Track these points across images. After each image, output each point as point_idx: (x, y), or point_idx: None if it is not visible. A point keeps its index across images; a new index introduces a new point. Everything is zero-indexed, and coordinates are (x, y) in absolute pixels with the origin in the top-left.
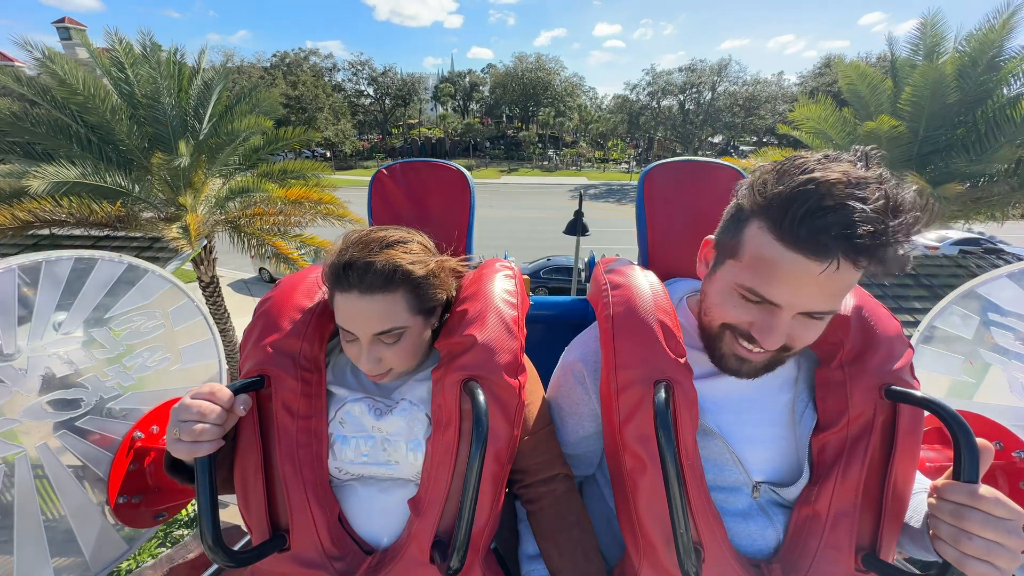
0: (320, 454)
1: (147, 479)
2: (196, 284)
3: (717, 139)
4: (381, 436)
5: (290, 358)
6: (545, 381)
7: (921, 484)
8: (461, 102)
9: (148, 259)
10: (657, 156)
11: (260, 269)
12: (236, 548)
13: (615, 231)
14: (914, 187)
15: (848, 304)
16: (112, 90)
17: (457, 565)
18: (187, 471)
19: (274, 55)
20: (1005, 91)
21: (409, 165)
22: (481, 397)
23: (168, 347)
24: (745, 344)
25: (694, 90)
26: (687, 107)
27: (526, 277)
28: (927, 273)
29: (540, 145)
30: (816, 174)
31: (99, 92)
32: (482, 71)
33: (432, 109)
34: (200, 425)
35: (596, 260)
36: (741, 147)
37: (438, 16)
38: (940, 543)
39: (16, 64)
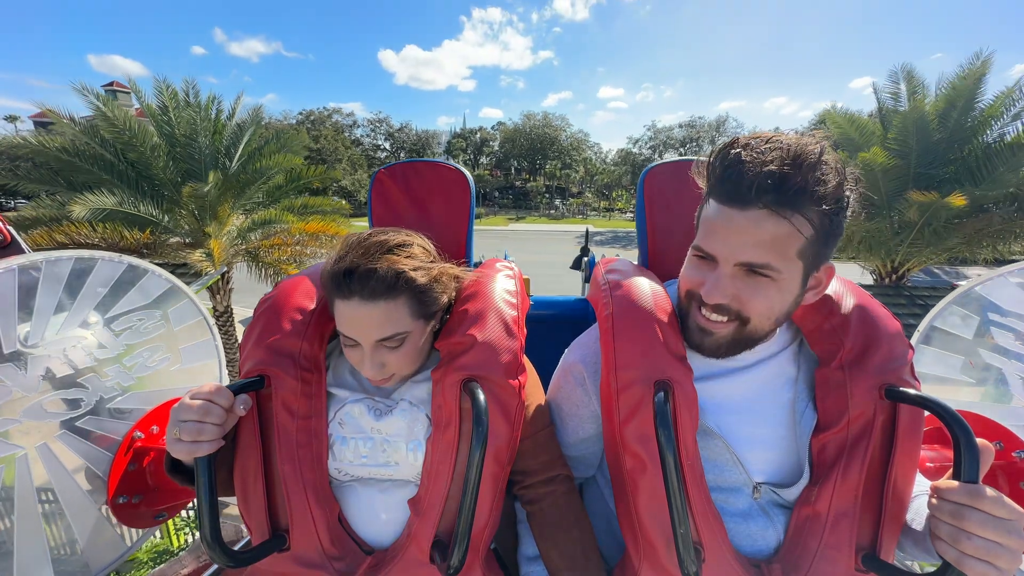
0: (320, 454)
1: (147, 479)
2: (210, 314)
3: None
4: (381, 437)
5: (290, 358)
6: (545, 381)
7: (922, 487)
8: (472, 156)
9: None
10: None
11: None
12: (236, 548)
13: None
14: (831, 153)
15: (848, 304)
16: (154, 131)
17: (457, 565)
18: (187, 472)
19: (300, 112)
20: (987, 134)
21: (409, 165)
22: (481, 397)
23: (168, 347)
24: (704, 313)
25: (694, 144)
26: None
27: (526, 277)
28: (922, 297)
29: (547, 195)
30: (740, 139)
31: (142, 132)
32: (492, 128)
33: (445, 161)
34: (200, 425)
35: (596, 260)
36: None
37: (453, 81)
38: (940, 543)
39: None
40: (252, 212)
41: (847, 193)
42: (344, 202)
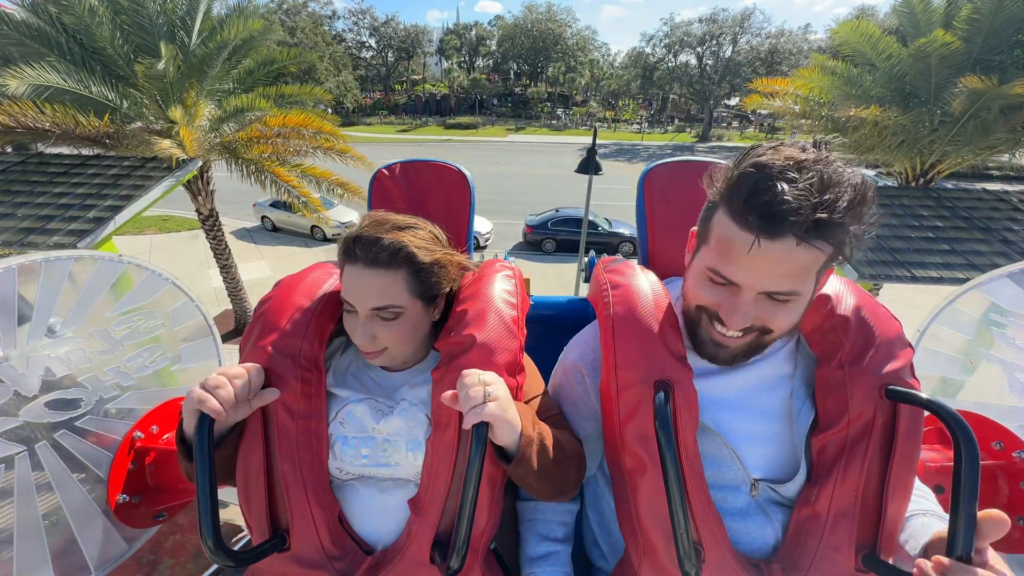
0: (320, 454)
1: (147, 479)
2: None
3: (733, 101)
4: (381, 437)
5: (290, 358)
6: (545, 382)
7: (919, 505)
8: (467, 57)
9: (140, 178)
10: (670, 117)
11: (263, 218)
12: (236, 548)
13: (623, 188)
14: (859, 170)
15: (848, 304)
16: None
17: (457, 565)
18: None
19: (270, 1)
20: None
21: (409, 165)
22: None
23: (168, 347)
24: (719, 328)
25: (714, 42)
26: (705, 62)
27: (527, 277)
28: (966, 207)
29: (549, 104)
30: (763, 158)
31: None
32: (489, 23)
33: (437, 64)
34: (223, 380)
35: (596, 260)
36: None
37: None
38: None
39: None
40: (225, 99)
41: (873, 213)
42: (323, 90)
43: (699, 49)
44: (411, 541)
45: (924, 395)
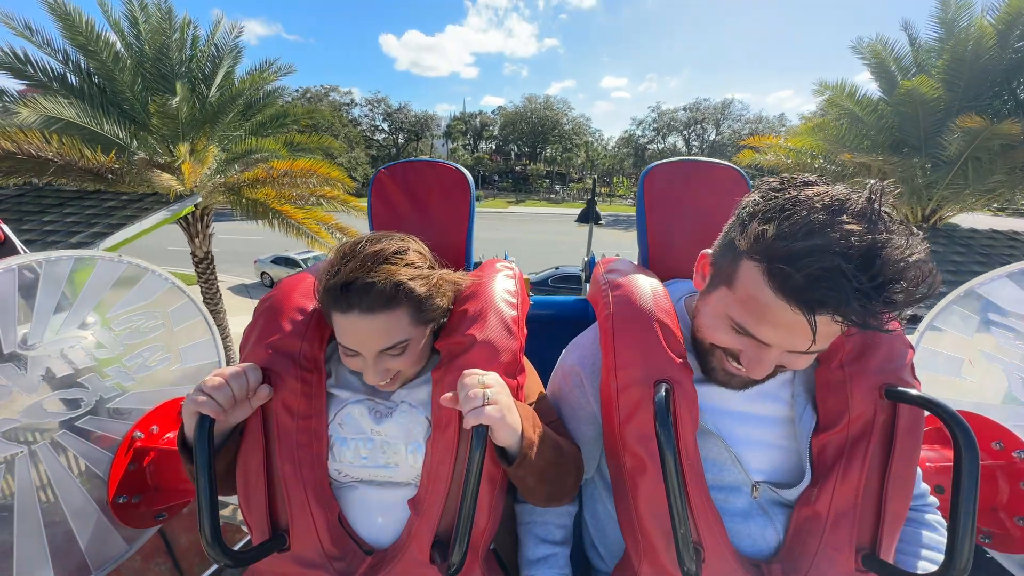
0: (320, 454)
1: (147, 479)
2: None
3: None
4: (381, 439)
5: (290, 358)
6: (544, 381)
7: (919, 490)
8: (471, 140)
9: (136, 210)
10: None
11: (262, 274)
12: (236, 548)
13: (620, 253)
14: (923, 249)
15: None
16: (116, 40)
17: (457, 565)
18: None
19: (296, 90)
20: None
21: (409, 165)
22: None
23: (168, 347)
24: (735, 363)
25: (698, 126)
26: (692, 143)
27: (526, 277)
28: (982, 245)
29: (547, 180)
30: (822, 237)
31: (101, 38)
32: (492, 112)
33: (443, 145)
34: (220, 381)
35: (596, 260)
36: None
37: (455, 67)
38: None
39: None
40: (233, 145)
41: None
42: (335, 141)
43: (685, 132)
44: (411, 541)
45: (924, 395)
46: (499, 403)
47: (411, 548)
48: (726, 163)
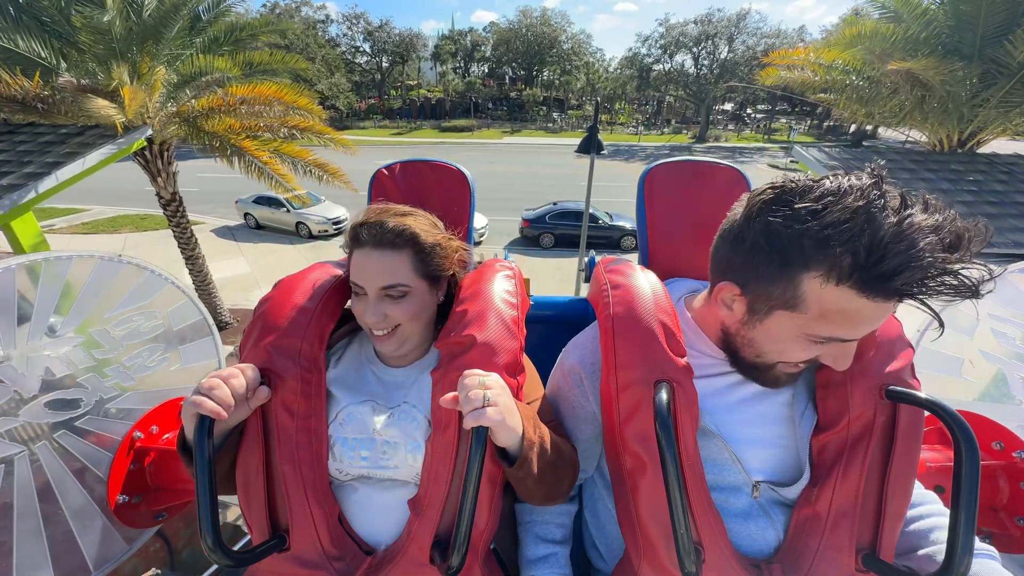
0: (320, 454)
1: (147, 479)
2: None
3: (728, 106)
4: (381, 439)
5: (290, 358)
6: (545, 381)
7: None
8: (462, 63)
9: (77, 145)
10: (666, 120)
11: (246, 215)
12: (236, 548)
13: (621, 186)
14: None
15: None
16: None
17: (457, 565)
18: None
19: (263, 5)
20: None
21: (409, 165)
22: None
23: (168, 347)
24: (795, 364)
25: (709, 43)
26: (701, 63)
27: (526, 277)
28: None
29: (544, 107)
30: (904, 243)
31: None
32: (484, 29)
33: (432, 69)
34: (219, 382)
35: (596, 260)
36: (753, 113)
37: None
38: None
39: None
40: (181, 65)
41: None
42: (304, 61)
43: (695, 49)
44: (411, 541)
45: (924, 395)
46: (500, 405)
47: (411, 548)
48: (726, 163)
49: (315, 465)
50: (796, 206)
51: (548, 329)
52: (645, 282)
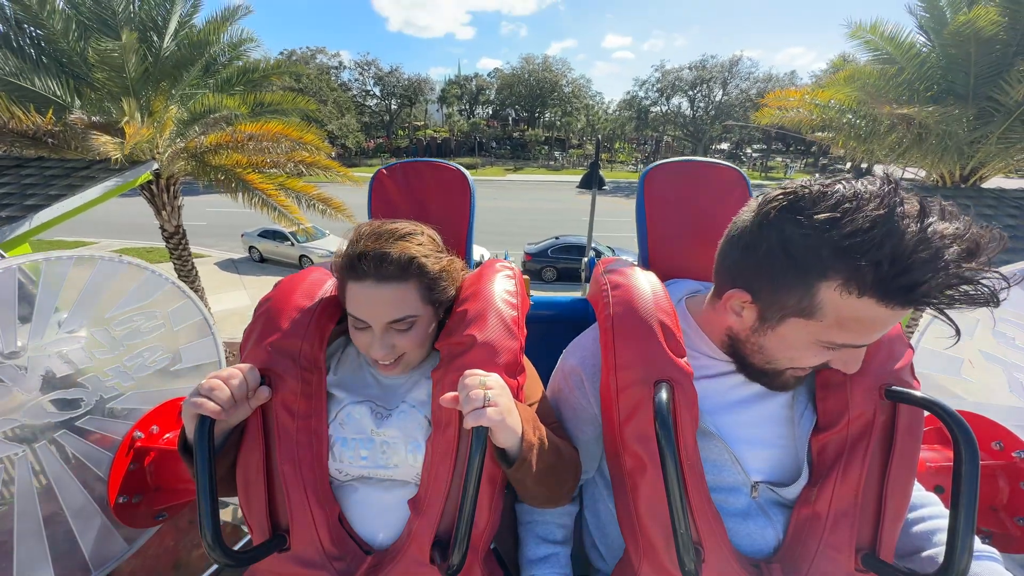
0: (320, 454)
1: (147, 479)
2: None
3: (724, 145)
4: (381, 439)
5: (290, 358)
6: (545, 381)
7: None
8: (467, 105)
9: (81, 179)
10: (663, 159)
11: (250, 248)
12: (236, 548)
13: (623, 221)
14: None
15: None
16: None
17: (457, 565)
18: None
19: (281, 53)
20: None
21: (409, 165)
22: None
23: (168, 347)
24: (802, 368)
25: (704, 86)
26: (697, 105)
27: (526, 278)
28: None
29: (546, 146)
30: (924, 251)
31: None
32: (489, 75)
33: (438, 111)
34: (218, 383)
35: (596, 261)
36: (750, 152)
37: (451, 27)
38: None
39: None
40: (193, 103)
41: None
42: (312, 102)
43: (690, 93)
44: (411, 541)
45: (924, 395)
46: (500, 405)
47: (411, 548)
48: (726, 163)
49: (315, 465)
50: (813, 215)
51: (548, 329)
52: (645, 282)
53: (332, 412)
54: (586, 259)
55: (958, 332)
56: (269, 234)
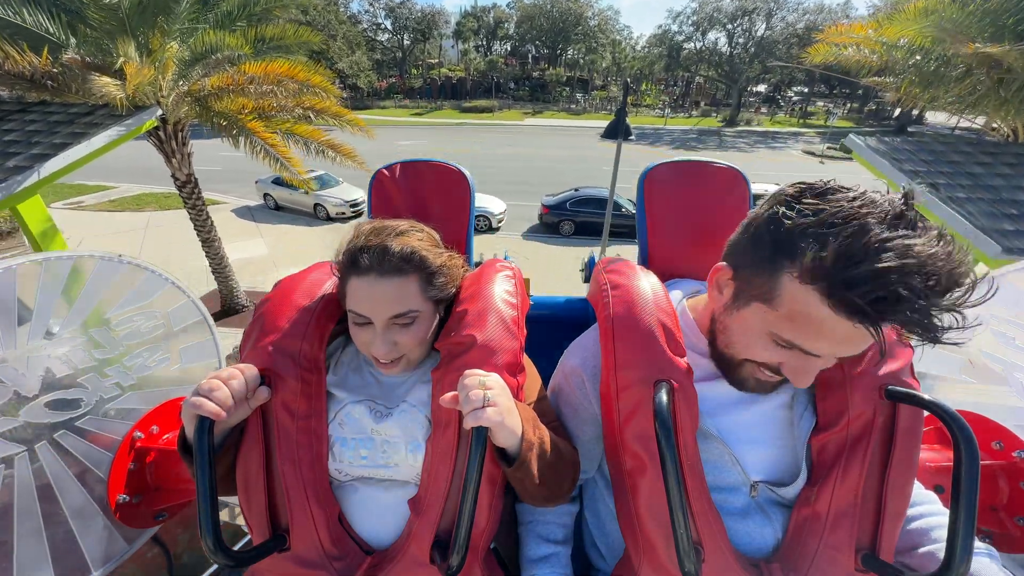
0: (320, 454)
1: (147, 479)
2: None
3: (762, 87)
4: (381, 439)
5: (290, 358)
6: (545, 381)
7: (919, 496)
8: (484, 40)
9: (86, 126)
10: (694, 102)
11: (265, 195)
12: (236, 548)
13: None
14: (959, 249)
15: None
16: None
17: (457, 565)
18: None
19: None
20: None
21: (409, 165)
22: None
23: (168, 347)
24: (768, 372)
25: (746, 19)
26: (736, 40)
27: (527, 278)
28: None
29: (568, 88)
30: (883, 258)
31: None
32: (508, 5)
33: (453, 47)
34: (218, 384)
35: (596, 260)
36: (790, 94)
37: None
38: None
39: None
40: (192, 41)
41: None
42: (316, 35)
43: (730, 27)
44: (411, 541)
45: (924, 395)
46: (499, 405)
47: (411, 548)
48: (726, 163)
49: (315, 465)
50: (806, 201)
51: (548, 329)
52: (645, 282)
53: (332, 412)
54: (586, 259)
55: (930, 343)
56: (283, 181)
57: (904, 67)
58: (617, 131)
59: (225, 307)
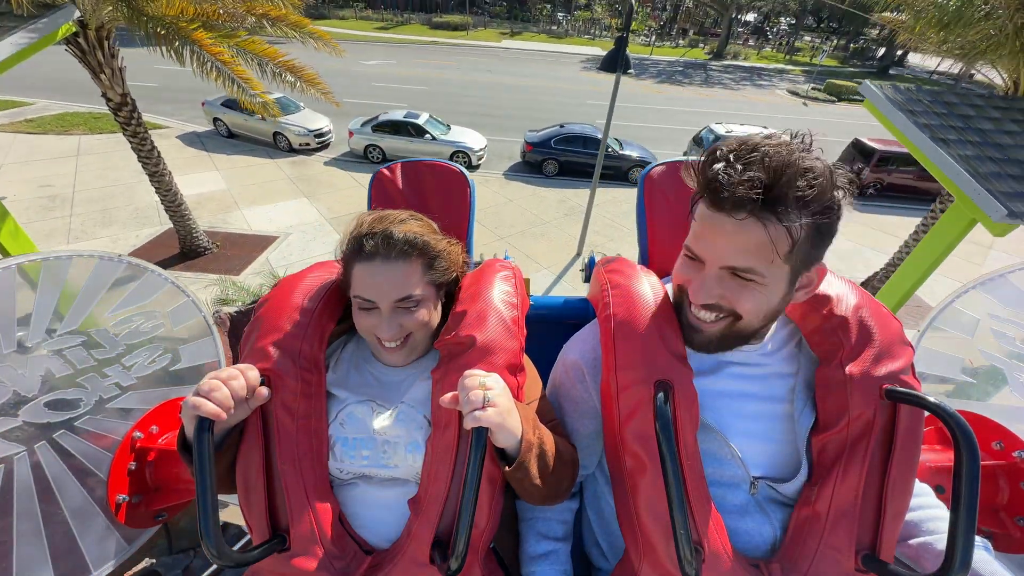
0: (320, 454)
1: (147, 479)
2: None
3: (751, 16)
4: (381, 439)
5: (290, 358)
6: (544, 381)
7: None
8: None
9: None
10: (682, 31)
11: (215, 120)
12: (236, 548)
13: (632, 107)
14: (818, 159)
15: (848, 304)
16: None
17: (457, 565)
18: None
19: None
20: None
21: (409, 165)
22: None
23: (168, 347)
24: (694, 311)
25: None
26: None
27: (526, 277)
28: None
29: (549, 5)
30: (726, 146)
31: None
32: None
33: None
34: (219, 384)
35: (596, 260)
36: (780, 24)
37: None
38: None
39: None
40: None
41: (837, 197)
42: None
43: None
44: (411, 541)
45: (924, 395)
46: (499, 406)
47: (411, 548)
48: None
49: (315, 465)
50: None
51: (548, 329)
52: (645, 282)
53: (332, 412)
54: (586, 258)
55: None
56: (235, 104)
57: (924, 5)
58: (616, 63)
59: (184, 249)
